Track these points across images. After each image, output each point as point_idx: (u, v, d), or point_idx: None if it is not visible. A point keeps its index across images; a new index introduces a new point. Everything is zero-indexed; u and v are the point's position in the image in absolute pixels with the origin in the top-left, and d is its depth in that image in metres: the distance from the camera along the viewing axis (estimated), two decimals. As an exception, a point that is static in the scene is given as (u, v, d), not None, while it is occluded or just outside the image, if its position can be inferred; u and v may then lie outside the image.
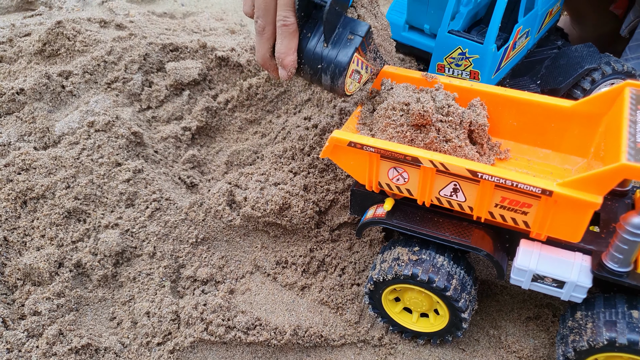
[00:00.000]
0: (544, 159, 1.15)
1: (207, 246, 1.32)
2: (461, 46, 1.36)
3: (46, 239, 1.27)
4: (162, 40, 1.71)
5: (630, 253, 0.92)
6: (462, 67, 1.39)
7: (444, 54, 1.40)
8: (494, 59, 1.35)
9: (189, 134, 1.58)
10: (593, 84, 1.54)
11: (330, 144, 1.04)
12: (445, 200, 1.03)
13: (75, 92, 1.57)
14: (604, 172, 0.83)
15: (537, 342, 1.17)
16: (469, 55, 1.37)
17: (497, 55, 1.35)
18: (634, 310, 0.95)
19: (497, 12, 1.29)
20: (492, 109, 1.14)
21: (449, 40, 1.37)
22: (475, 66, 1.37)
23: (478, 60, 1.35)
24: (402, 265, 1.07)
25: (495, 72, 1.40)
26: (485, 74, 1.36)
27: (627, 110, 0.93)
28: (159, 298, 1.22)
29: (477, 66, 1.36)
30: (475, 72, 1.37)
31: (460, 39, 1.36)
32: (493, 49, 1.32)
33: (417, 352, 1.18)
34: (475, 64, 1.36)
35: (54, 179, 1.32)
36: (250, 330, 1.17)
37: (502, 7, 1.29)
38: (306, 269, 1.31)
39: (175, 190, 1.41)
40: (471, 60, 1.37)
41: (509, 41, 1.38)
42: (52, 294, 1.19)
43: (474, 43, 1.34)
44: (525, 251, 1.02)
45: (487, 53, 1.33)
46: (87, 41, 1.68)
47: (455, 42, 1.37)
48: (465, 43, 1.35)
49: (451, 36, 1.37)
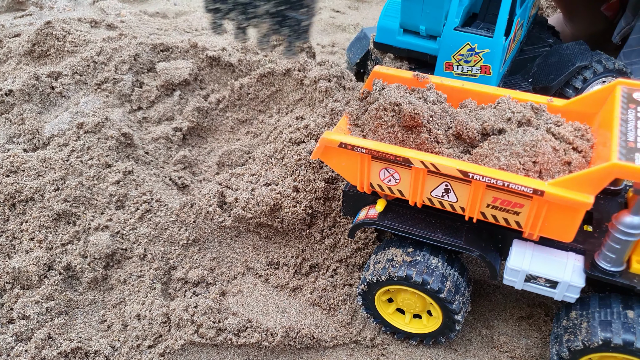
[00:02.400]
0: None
1: (198, 248, 1.31)
2: (470, 42, 1.36)
3: (35, 242, 1.25)
4: (153, 40, 1.70)
5: (622, 252, 0.91)
6: (472, 63, 1.39)
7: (451, 52, 1.39)
8: (503, 51, 1.35)
9: (180, 135, 1.56)
10: (585, 82, 1.54)
11: (321, 145, 1.03)
12: (437, 200, 1.02)
13: (65, 93, 1.56)
14: (596, 172, 0.83)
15: (530, 342, 1.17)
16: (478, 50, 1.36)
17: (505, 47, 1.36)
18: (629, 310, 0.94)
19: (504, 3, 1.29)
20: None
21: (456, 37, 1.37)
22: (485, 60, 1.36)
23: (489, 54, 1.35)
24: (396, 267, 1.06)
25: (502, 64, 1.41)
26: (497, 67, 1.37)
27: (618, 109, 0.92)
28: (149, 300, 1.21)
29: (487, 60, 1.36)
30: (487, 66, 1.37)
31: (469, 34, 1.35)
32: (503, 41, 1.32)
33: (410, 353, 1.17)
34: (486, 58, 1.36)
35: (43, 181, 1.31)
36: (241, 332, 1.16)
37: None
38: (298, 270, 1.30)
39: (166, 191, 1.40)
40: (481, 55, 1.37)
41: (511, 33, 1.38)
42: (41, 297, 1.18)
43: (483, 37, 1.34)
44: (518, 251, 1.01)
45: (497, 46, 1.33)
46: (77, 41, 1.67)
47: (463, 39, 1.37)
48: (475, 38, 1.35)
49: (458, 33, 1.36)
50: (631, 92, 0.96)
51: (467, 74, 1.40)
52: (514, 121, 0.99)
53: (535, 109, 1.03)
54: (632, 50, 1.68)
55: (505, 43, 1.34)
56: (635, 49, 1.67)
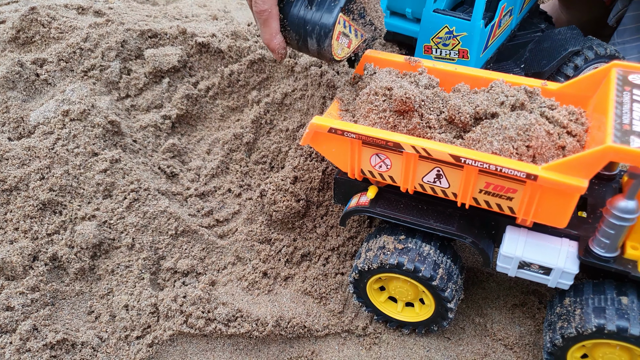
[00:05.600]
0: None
1: (187, 237, 1.29)
2: (448, 25, 1.33)
3: (20, 232, 1.23)
4: (141, 27, 1.66)
5: (616, 238, 0.90)
6: (449, 47, 1.36)
7: (430, 35, 1.37)
8: (482, 35, 1.32)
9: (169, 123, 1.53)
10: (576, 70, 1.52)
11: (310, 131, 1.01)
12: (429, 186, 1.00)
13: (51, 80, 1.52)
14: (590, 155, 0.81)
15: (523, 329, 1.16)
16: (456, 34, 1.33)
17: (485, 32, 1.33)
18: (623, 296, 0.93)
19: None
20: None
21: (434, 20, 1.34)
22: (463, 44, 1.33)
23: (466, 37, 1.32)
24: (388, 254, 1.04)
25: (483, 50, 1.38)
26: (474, 51, 1.33)
27: (613, 92, 0.90)
28: (138, 291, 1.19)
29: (465, 44, 1.33)
30: (464, 50, 1.34)
31: (447, 17, 1.32)
32: (481, 24, 1.29)
33: (402, 342, 1.16)
34: (464, 42, 1.33)
35: (28, 170, 1.28)
36: (231, 322, 1.14)
37: None
38: (289, 258, 1.28)
39: (154, 180, 1.37)
40: (459, 39, 1.34)
41: (495, 19, 1.35)
42: (26, 288, 1.15)
43: (461, 20, 1.31)
44: (511, 238, 1.00)
45: (475, 29, 1.30)
46: (63, 28, 1.63)
47: (441, 21, 1.34)
48: (452, 21, 1.32)
49: (437, 15, 1.33)
50: (627, 74, 0.95)
51: (446, 58, 1.37)
52: (508, 105, 0.97)
53: (529, 93, 1.01)
54: (625, 29, 1.66)
55: (485, 28, 1.31)
56: (629, 27, 1.65)
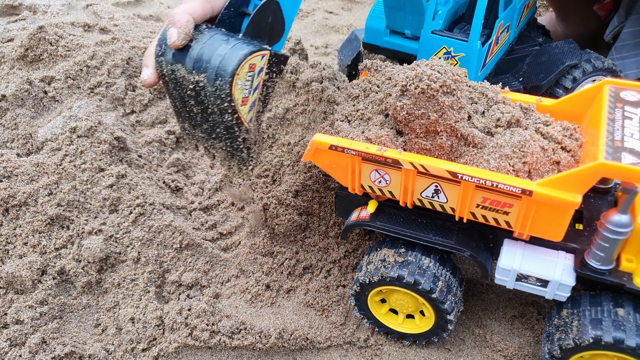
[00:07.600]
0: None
1: (192, 251, 1.32)
2: (446, 45, 1.36)
3: (29, 247, 1.25)
4: (145, 44, 1.70)
5: (611, 251, 0.92)
6: None
7: (429, 55, 1.40)
8: (479, 55, 1.35)
9: (174, 138, 1.57)
10: (574, 82, 1.55)
11: (311, 148, 1.04)
12: (427, 201, 1.03)
13: (58, 97, 1.56)
14: (582, 171, 0.83)
15: (522, 341, 1.17)
16: (454, 54, 1.36)
17: (482, 51, 1.36)
18: (619, 308, 0.95)
19: (479, 8, 1.29)
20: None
21: (433, 41, 1.37)
22: (461, 64, 1.37)
23: (464, 58, 1.35)
24: (388, 267, 1.06)
25: (481, 68, 1.40)
26: (473, 71, 1.36)
27: (605, 109, 0.93)
28: (143, 303, 1.21)
29: (463, 64, 1.36)
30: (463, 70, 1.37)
31: (445, 38, 1.36)
32: (478, 45, 1.32)
33: (403, 353, 1.18)
34: (462, 62, 1.36)
35: (36, 186, 1.31)
36: (235, 334, 1.16)
37: (483, 4, 1.29)
38: (292, 271, 1.31)
39: (159, 194, 1.40)
40: (457, 59, 1.37)
41: (492, 36, 1.38)
42: (35, 302, 1.18)
43: (458, 41, 1.34)
44: (509, 251, 1.02)
45: (472, 50, 1.33)
46: (70, 46, 1.67)
47: (439, 42, 1.37)
48: (450, 42, 1.35)
49: (435, 36, 1.37)
50: (618, 91, 0.97)
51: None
52: (503, 122, 1.00)
53: (524, 109, 1.04)
54: (623, 45, 1.69)
55: (482, 47, 1.34)
56: (627, 43, 1.68)
